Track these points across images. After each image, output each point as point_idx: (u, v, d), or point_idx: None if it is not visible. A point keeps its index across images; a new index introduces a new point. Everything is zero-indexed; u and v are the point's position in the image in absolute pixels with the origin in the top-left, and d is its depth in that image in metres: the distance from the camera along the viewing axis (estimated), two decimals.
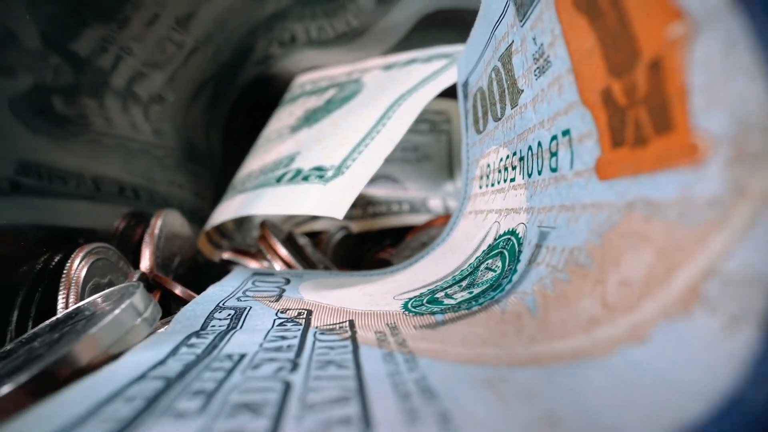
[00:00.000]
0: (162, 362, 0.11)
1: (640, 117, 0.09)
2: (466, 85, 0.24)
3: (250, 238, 0.38)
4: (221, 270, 0.31)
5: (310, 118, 0.33)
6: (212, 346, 0.12)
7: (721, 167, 0.07)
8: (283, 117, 0.38)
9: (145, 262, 0.25)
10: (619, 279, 0.10)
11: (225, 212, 0.29)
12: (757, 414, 0.06)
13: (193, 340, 0.13)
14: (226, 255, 0.29)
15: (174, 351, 0.12)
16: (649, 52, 0.09)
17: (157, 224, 0.26)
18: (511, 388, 0.09)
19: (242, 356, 0.11)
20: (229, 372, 0.10)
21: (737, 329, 0.07)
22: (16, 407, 0.11)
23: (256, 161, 0.33)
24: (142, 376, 0.10)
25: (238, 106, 0.46)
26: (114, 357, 0.13)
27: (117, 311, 0.13)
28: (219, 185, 0.43)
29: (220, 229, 0.35)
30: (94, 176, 0.29)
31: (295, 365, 0.11)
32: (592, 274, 0.11)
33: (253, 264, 0.28)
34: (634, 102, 0.10)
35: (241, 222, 0.38)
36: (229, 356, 0.11)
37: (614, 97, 0.10)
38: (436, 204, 0.40)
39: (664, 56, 0.08)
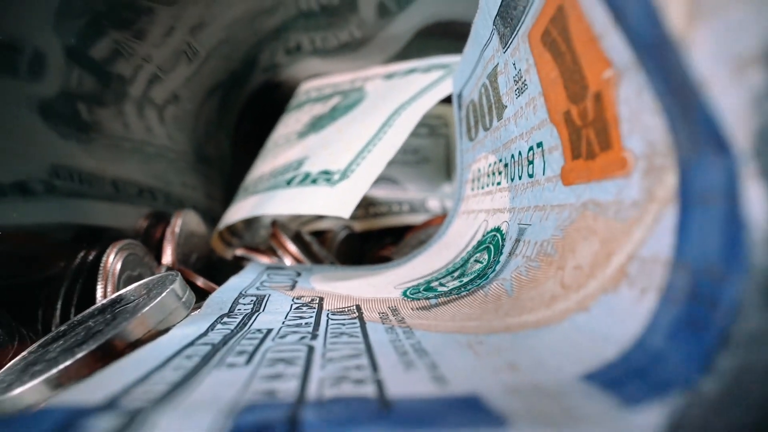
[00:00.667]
0: (204, 334, 0.14)
1: (590, 136, 0.12)
2: (460, 96, 0.27)
3: (258, 236, 0.41)
4: (234, 266, 0.33)
5: (316, 124, 0.35)
6: (242, 324, 0.15)
7: (639, 177, 0.10)
8: (290, 123, 0.40)
9: (168, 257, 0.27)
10: (574, 264, 0.12)
11: (239, 212, 0.32)
12: (653, 351, 0.08)
13: (225, 319, 0.16)
14: (239, 252, 0.32)
15: (211, 327, 0.15)
16: (593, 87, 0.11)
17: (177, 223, 0.29)
18: (485, 347, 0.11)
19: (269, 330, 0.14)
20: (262, 340, 0.13)
21: (645, 296, 0.09)
22: (87, 370, 0.13)
23: (266, 164, 0.35)
24: (191, 344, 0.13)
25: (246, 112, 0.49)
26: (160, 333, 0.15)
27: (163, 295, 0.15)
28: (228, 187, 0.46)
29: (231, 228, 0.37)
30: (114, 178, 0.31)
31: (314, 335, 0.13)
32: (555, 262, 0.13)
33: (264, 259, 0.30)
34: (586, 124, 0.12)
35: (250, 222, 0.40)
36: (259, 330, 0.14)
37: (573, 118, 0.13)
38: (434, 204, 0.42)
39: (602, 91, 0.11)
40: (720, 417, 0.07)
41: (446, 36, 0.41)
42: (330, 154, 0.29)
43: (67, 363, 0.13)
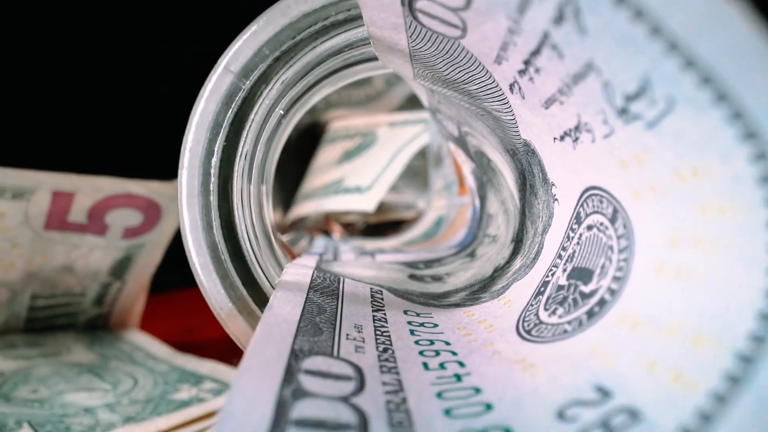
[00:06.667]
0: (324, 252, 0.39)
1: (461, 180, 0.38)
2: (431, 145, 0.53)
3: (306, 226, 0.66)
4: None
5: (348, 156, 0.61)
6: (335, 253, 0.41)
7: (471, 195, 0.36)
8: (328, 152, 0.66)
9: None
10: (456, 225, 0.38)
11: (303, 210, 0.57)
12: (465, 239, 0.34)
13: (327, 254, 0.41)
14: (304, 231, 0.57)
15: (323, 251, 0.40)
16: (460, 165, 0.37)
17: (272, 216, 0.54)
18: (422, 249, 0.37)
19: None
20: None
21: (467, 228, 0.35)
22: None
23: (316, 180, 0.61)
24: (321, 258, 0.38)
25: (293, 144, 0.74)
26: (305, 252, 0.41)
27: (318, 240, 0.41)
28: (284, 194, 0.72)
29: (292, 221, 0.63)
30: None
31: (367, 250, 0.39)
32: (452, 224, 0.39)
33: (321, 236, 0.56)
34: (459, 176, 0.38)
35: (303, 218, 0.66)
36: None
37: (459, 172, 0.39)
38: (422, 204, 0.68)
39: (460, 171, 0.37)
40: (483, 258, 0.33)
41: None
42: (359, 176, 0.54)
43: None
